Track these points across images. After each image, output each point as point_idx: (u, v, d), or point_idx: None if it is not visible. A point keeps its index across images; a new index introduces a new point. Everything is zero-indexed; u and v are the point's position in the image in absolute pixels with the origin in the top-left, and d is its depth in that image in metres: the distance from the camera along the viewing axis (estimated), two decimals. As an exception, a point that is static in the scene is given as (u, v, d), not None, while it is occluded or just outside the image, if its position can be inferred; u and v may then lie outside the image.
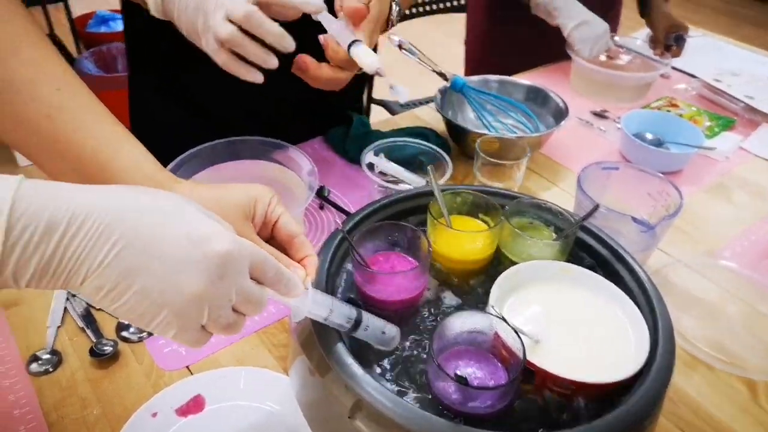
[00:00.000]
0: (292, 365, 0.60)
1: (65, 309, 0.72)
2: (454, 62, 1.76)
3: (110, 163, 0.47)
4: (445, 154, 0.91)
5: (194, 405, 0.62)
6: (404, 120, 1.14)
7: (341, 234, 0.58)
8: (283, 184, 0.89)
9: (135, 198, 0.36)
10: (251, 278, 0.40)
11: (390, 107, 1.88)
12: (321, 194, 0.91)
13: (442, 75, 1.05)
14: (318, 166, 0.99)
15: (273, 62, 0.62)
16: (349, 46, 0.66)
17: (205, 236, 0.37)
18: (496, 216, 0.65)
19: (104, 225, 0.34)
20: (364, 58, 0.65)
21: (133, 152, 0.49)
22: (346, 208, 0.90)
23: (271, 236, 0.51)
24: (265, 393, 0.63)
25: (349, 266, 0.63)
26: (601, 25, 1.21)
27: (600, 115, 1.18)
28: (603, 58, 1.27)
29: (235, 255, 0.38)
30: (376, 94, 1.90)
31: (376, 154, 0.91)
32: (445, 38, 2.76)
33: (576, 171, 1.01)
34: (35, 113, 0.46)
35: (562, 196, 0.96)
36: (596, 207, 0.64)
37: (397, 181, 0.91)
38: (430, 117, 1.15)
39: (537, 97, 1.08)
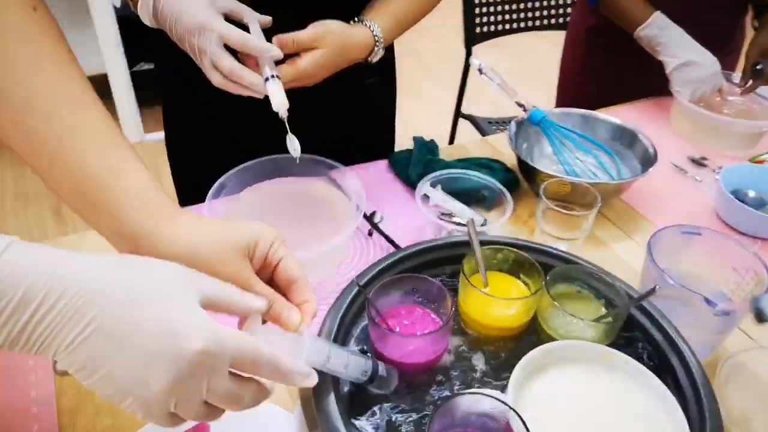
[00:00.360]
0: (295, 410, 0.57)
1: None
2: (546, 80, 1.66)
3: (112, 185, 0.46)
4: (506, 192, 0.84)
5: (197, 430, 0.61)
6: (475, 148, 1.07)
7: (357, 287, 0.54)
8: (329, 203, 0.87)
9: (117, 276, 0.36)
10: (239, 369, 0.40)
11: (479, 124, 1.81)
12: (371, 220, 0.88)
13: (520, 105, 0.98)
14: (376, 189, 0.96)
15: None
16: (267, 79, 0.70)
17: (179, 332, 0.36)
18: (538, 280, 0.58)
19: (78, 306, 0.34)
20: (273, 95, 0.70)
21: (140, 177, 0.48)
22: (395, 240, 0.86)
23: (271, 278, 0.49)
24: (270, 429, 0.61)
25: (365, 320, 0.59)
26: (709, 67, 1.08)
27: (698, 162, 1.06)
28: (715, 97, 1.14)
29: (211, 352, 0.36)
30: (468, 108, 1.84)
31: (434, 185, 0.86)
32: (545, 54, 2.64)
33: (658, 224, 0.91)
34: (46, 132, 0.46)
35: (634, 253, 0.86)
36: (653, 290, 0.55)
37: (452, 216, 0.86)
38: (505, 146, 1.08)
39: (624, 137, 0.98)
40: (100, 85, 2.58)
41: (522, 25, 1.75)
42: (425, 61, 3.21)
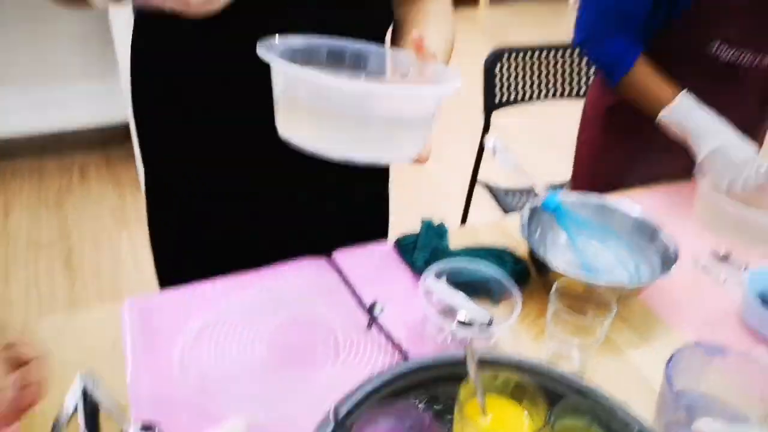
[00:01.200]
0: None
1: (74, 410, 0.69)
2: (566, 146, 1.63)
3: None
4: (515, 288, 0.79)
5: None
6: (487, 233, 1.03)
7: (332, 425, 0.49)
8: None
9: None
10: None
11: (495, 194, 1.77)
12: (371, 312, 0.83)
13: (533, 191, 0.94)
14: (380, 273, 0.92)
15: None
16: None
17: None
18: (543, 410, 0.53)
19: None
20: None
21: None
22: (396, 335, 0.81)
23: None
24: None
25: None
26: (742, 151, 1.02)
27: (723, 259, 0.99)
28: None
29: None
30: (487, 172, 1.81)
31: (439, 276, 0.82)
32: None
33: (679, 329, 0.85)
34: None
35: (653, 364, 0.79)
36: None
37: (456, 311, 0.81)
38: (518, 229, 1.03)
39: (644, 230, 0.93)
40: (123, 134, 2.62)
41: (542, 94, 1.73)
42: (444, 118, 3.21)
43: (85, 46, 2.59)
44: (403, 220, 2.26)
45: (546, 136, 2.45)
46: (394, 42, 0.90)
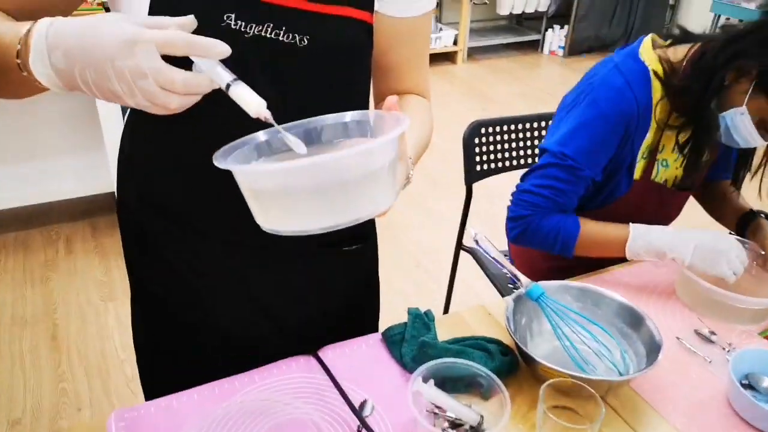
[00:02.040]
0: None
1: None
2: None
3: None
4: (503, 387, 0.79)
5: None
6: (474, 318, 1.04)
7: None
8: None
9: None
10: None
11: (480, 260, 1.78)
12: (360, 414, 0.83)
13: (515, 280, 0.96)
14: (369, 369, 0.92)
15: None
16: (228, 85, 0.59)
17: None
18: None
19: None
20: (246, 99, 0.58)
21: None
22: (385, 436, 0.81)
23: None
24: None
25: None
26: (722, 241, 1.06)
27: (707, 338, 1.01)
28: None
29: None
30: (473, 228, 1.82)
31: (426, 379, 0.82)
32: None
33: (668, 415, 0.85)
34: None
35: (644, 456, 0.80)
36: None
37: (444, 413, 0.81)
38: (503, 315, 1.04)
39: (629, 316, 0.95)
40: (109, 202, 2.62)
41: (519, 162, 1.77)
42: (432, 176, 3.26)
43: (71, 121, 2.61)
44: (391, 278, 2.25)
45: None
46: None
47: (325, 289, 0.96)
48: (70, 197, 2.57)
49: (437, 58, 5.11)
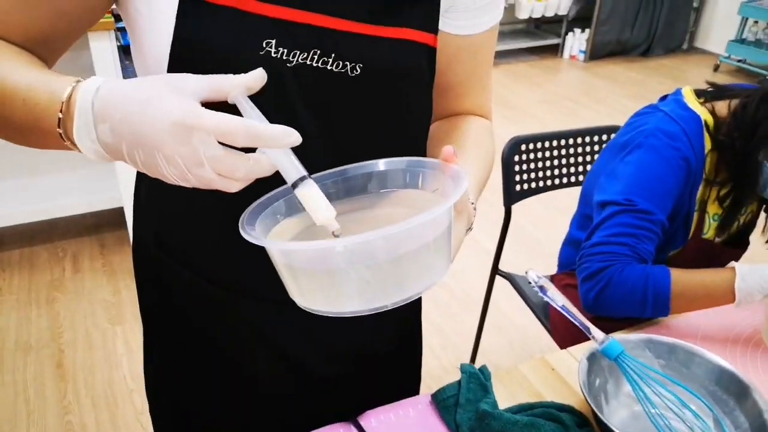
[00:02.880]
0: None
1: None
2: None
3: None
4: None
5: None
6: (536, 374, 0.90)
7: None
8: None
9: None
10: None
11: (518, 285, 1.64)
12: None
13: (588, 333, 0.82)
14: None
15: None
16: (295, 184, 0.50)
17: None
18: None
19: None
20: (315, 205, 0.50)
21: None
22: None
23: None
24: None
25: None
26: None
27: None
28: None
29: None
30: (507, 257, 1.68)
31: (495, 462, 0.69)
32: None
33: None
34: None
35: None
36: None
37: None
38: (570, 372, 0.90)
39: (725, 380, 0.80)
40: (117, 218, 2.51)
41: (559, 181, 1.64)
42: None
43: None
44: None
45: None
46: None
47: (363, 343, 0.83)
48: (77, 213, 2.45)
49: (454, 64, 4.96)
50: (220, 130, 0.45)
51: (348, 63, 0.59)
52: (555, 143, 1.59)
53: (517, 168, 1.55)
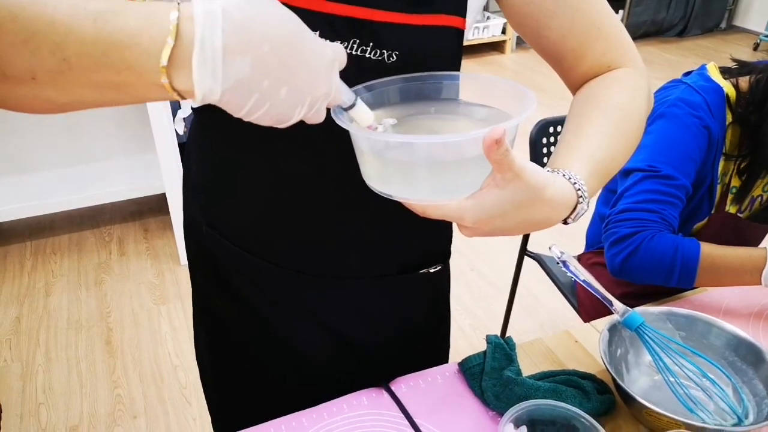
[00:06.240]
0: None
1: None
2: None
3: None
4: (602, 430, 0.70)
5: None
6: (559, 345, 0.94)
7: None
8: None
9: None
10: None
11: (546, 265, 1.67)
12: (443, 460, 0.75)
13: (610, 306, 0.85)
14: (446, 404, 0.83)
15: None
16: (353, 104, 0.54)
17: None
18: None
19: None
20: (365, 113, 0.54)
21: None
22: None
23: None
24: None
25: None
26: None
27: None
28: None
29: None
30: (536, 239, 1.72)
31: (517, 424, 0.73)
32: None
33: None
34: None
35: None
36: None
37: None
38: (592, 343, 0.94)
39: (743, 349, 0.83)
40: (160, 203, 2.61)
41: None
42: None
43: (122, 122, 2.61)
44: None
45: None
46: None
47: (401, 314, 0.89)
48: (122, 199, 2.57)
49: (485, 48, 4.95)
50: (344, 61, 0.50)
51: (385, 51, 0.63)
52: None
53: (545, 150, 1.58)
